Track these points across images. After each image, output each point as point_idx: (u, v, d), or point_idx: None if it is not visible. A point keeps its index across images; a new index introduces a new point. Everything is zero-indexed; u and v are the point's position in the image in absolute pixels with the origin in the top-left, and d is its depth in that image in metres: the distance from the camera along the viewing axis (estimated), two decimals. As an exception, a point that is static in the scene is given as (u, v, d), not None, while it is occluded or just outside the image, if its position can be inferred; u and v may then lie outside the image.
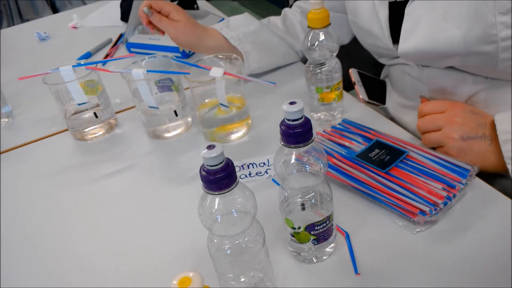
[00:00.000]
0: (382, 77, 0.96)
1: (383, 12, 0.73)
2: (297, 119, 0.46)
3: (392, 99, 0.86)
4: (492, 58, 0.62)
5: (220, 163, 0.42)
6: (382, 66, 0.97)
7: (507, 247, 0.53)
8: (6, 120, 0.97)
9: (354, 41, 0.98)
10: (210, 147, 0.42)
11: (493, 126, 0.64)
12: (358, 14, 0.79)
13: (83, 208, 0.70)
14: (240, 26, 0.92)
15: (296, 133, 0.46)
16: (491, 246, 0.53)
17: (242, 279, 0.49)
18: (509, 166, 0.60)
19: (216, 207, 0.44)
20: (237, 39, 0.90)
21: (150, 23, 0.90)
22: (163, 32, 0.92)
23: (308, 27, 0.72)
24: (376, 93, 0.87)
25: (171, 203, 0.68)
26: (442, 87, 0.73)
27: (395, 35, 0.73)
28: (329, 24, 0.71)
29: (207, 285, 0.39)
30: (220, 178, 0.42)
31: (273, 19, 0.98)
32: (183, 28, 0.88)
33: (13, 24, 2.84)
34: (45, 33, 1.38)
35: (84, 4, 2.46)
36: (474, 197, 0.60)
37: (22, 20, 3.26)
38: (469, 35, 0.62)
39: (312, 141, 0.48)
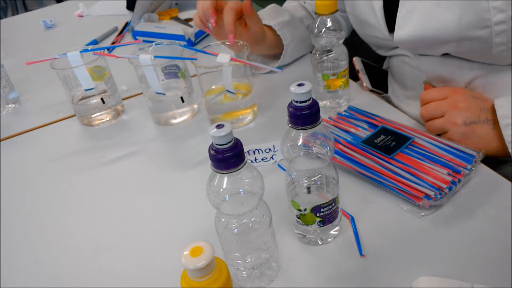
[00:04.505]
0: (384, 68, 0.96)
1: (378, 2, 0.73)
2: (305, 101, 0.46)
3: (392, 91, 0.87)
4: (486, 43, 0.62)
5: (229, 142, 0.43)
6: (383, 58, 0.97)
7: (510, 231, 0.53)
8: (14, 106, 0.98)
9: (356, 33, 0.98)
10: (219, 126, 0.42)
11: (494, 110, 0.64)
12: (355, 5, 0.80)
13: (90, 193, 0.71)
14: (275, 17, 0.90)
15: (304, 115, 0.47)
16: (495, 230, 0.54)
17: (248, 260, 0.50)
18: (510, 150, 0.60)
19: (224, 186, 0.45)
20: (280, 28, 0.88)
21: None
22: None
23: (316, 13, 0.72)
24: (379, 82, 0.87)
25: (177, 188, 0.69)
26: (439, 75, 0.74)
27: (391, 25, 0.73)
28: (337, 10, 0.71)
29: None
30: (228, 157, 0.43)
31: (293, 5, 0.96)
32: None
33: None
34: (51, 21, 1.39)
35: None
36: (478, 182, 0.60)
37: (27, 11, 3.26)
38: (462, 20, 0.62)
39: (320, 123, 0.48)
